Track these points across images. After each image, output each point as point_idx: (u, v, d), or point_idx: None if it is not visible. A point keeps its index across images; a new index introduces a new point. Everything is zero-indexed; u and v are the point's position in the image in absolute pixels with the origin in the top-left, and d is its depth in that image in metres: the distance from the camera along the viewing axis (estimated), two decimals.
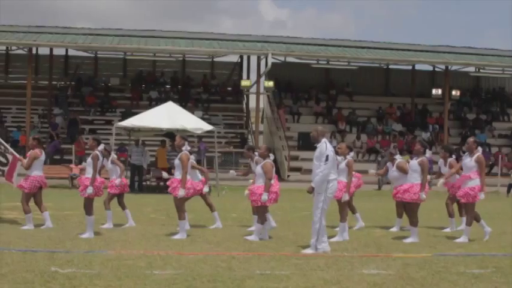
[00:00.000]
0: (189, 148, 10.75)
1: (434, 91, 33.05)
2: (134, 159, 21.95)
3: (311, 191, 9.21)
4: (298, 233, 11.52)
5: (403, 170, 11.46)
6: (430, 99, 33.68)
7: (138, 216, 12.55)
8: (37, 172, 11.36)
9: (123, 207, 12.09)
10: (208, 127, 21.58)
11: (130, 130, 22.99)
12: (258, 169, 10.56)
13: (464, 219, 12.23)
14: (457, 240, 10.73)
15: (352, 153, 11.46)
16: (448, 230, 12.32)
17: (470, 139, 11.15)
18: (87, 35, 29.10)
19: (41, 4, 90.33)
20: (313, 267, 8.02)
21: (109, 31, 30.11)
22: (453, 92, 31.91)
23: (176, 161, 10.64)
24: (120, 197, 12.07)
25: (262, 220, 10.46)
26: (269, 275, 7.47)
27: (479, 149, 10.88)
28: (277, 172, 27.58)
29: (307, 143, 27.22)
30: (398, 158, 11.96)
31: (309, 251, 9.22)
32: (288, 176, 27.39)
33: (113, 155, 12.12)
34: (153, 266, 7.88)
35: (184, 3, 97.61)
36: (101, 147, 10.92)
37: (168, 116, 20.91)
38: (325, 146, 9.26)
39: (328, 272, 7.73)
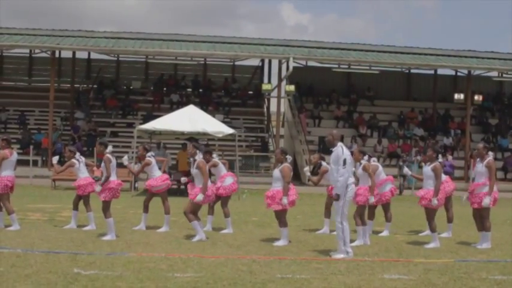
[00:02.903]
0: (201, 156, 10.81)
1: (456, 96, 32.76)
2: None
3: (336, 198, 9.20)
4: (319, 237, 11.53)
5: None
6: (452, 104, 33.42)
7: (160, 220, 12.58)
8: (6, 172, 11.38)
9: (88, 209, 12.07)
10: (229, 130, 21.63)
11: (152, 133, 23.12)
12: (276, 173, 10.56)
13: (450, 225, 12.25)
14: (479, 246, 10.64)
15: (366, 157, 11.50)
16: (445, 234, 12.21)
17: (480, 145, 11.11)
18: (110, 38, 29.36)
19: (64, 9, 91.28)
20: (334, 272, 8.01)
21: (131, 35, 30.33)
22: (475, 97, 31.65)
23: (194, 171, 10.68)
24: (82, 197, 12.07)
25: (285, 223, 10.47)
26: (290, 278, 7.48)
27: (490, 153, 10.82)
28: (298, 176, 27.67)
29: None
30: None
31: (339, 255, 9.17)
32: (309, 180, 27.30)
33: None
34: (174, 268, 7.92)
35: (206, 8, 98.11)
36: (110, 149, 10.94)
37: (189, 119, 20.99)
38: (341, 150, 9.25)
39: (349, 277, 7.71)
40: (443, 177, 12.30)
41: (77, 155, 12.16)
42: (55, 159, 12.37)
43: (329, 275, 7.78)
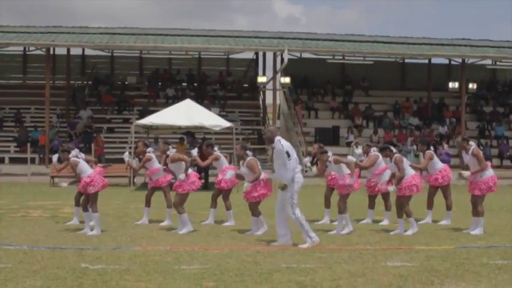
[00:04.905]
0: (174, 151, 11.07)
1: (450, 84, 32.95)
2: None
3: (285, 188, 9.23)
4: (320, 227, 11.64)
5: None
6: (447, 93, 33.58)
7: (160, 214, 12.66)
8: None
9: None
10: (226, 124, 21.72)
11: (149, 128, 23.19)
12: (243, 170, 10.67)
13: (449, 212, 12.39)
14: (473, 232, 10.78)
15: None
16: (444, 222, 12.36)
17: (458, 139, 11.33)
18: (104, 34, 29.32)
19: (56, 5, 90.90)
20: (338, 261, 8.12)
21: (125, 30, 30.34)
22: (470, 85, 31.78)
23: (172, 165, 10.92)
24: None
25: (258, 213, 10.68)
26: (295, 268, 7.59)
27: (471, 143, 11.02)
28: None
29: (324, 138, 27.30)
30: (374, 151, 12.19)
31: (305, 245, 9.24)
32: (306, 171, 27.42)
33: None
34: (180, 261, 8.02)
35: (197, 2, 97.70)
36: (73, 153, 11.02)
37: (186, 113, 21.07)
38: (280, 145, 9.27)
39: (353, 265, 7.83)
40: (441, 165, 12.47)
41: (76, 151, 12.11)
42: (54, 157, 12.34)
43: (333, 264, 7.89)
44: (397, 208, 10.99)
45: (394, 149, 11.14)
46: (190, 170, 11.12)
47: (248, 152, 10.76)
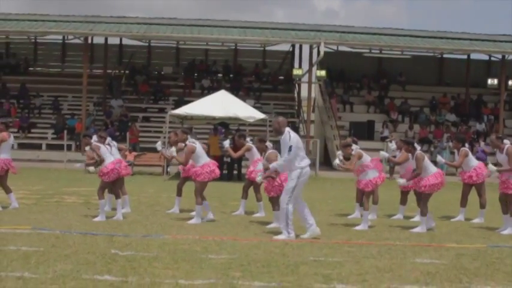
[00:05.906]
0: (193, 140, 11.12)
1: (490, 81, 32.38)
2: None
3: (267, 167, 9.53)
4: (351, 221, 11.60)
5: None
6: (486, 89, 33.02)
7: (192, 203, 12.73)
8: (4, 155, 11.76)
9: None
10: (260, 115, 21.75)
11: (184, 118, 23.34)
12: (265, 163, 10.64)
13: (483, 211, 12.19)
14: (504, 232, 10.60)
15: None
16: (477, 220, 12.18)
17: (492, 136, 11.15)
18: (141, 24, 29.57)
19: None
20: (366, 255, 8.08)
21: (162, 20, 30.55)
22: (510, 82, 31.18)
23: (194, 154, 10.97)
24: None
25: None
26: (322, 261, 7.58)
27: (506, 141, 10.80)
28: (329, 161, 27.67)
29: (359, 132, 27.14)
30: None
31: (281, 236, 9.22)
32: (339, 166, 27.25)
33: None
34: (208, 250, 8.07)
35: None
36: (94, 138, 11.25)
37: (221, 104, 21.16)
38: (288, 137, 9.21)
39: (381, 260, 7.78)
40: (476, 163, 12.30)
41: (108, 139, 12.24)
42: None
43: (361, 258, 7.86)
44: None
45: (417, 147, 10.98)
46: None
47: (268, 145, 10.75)
